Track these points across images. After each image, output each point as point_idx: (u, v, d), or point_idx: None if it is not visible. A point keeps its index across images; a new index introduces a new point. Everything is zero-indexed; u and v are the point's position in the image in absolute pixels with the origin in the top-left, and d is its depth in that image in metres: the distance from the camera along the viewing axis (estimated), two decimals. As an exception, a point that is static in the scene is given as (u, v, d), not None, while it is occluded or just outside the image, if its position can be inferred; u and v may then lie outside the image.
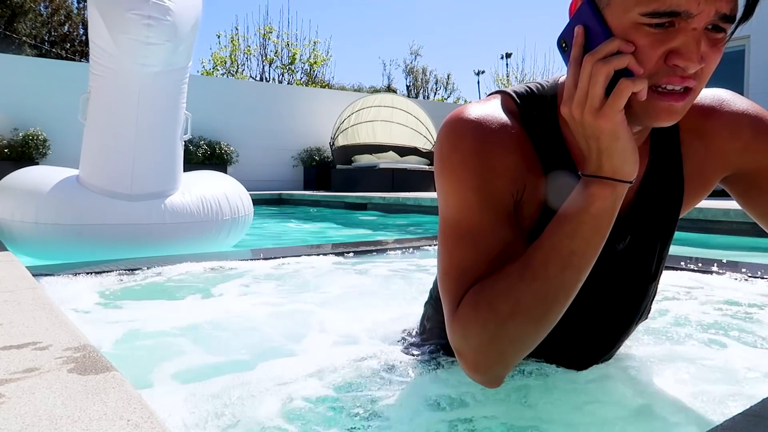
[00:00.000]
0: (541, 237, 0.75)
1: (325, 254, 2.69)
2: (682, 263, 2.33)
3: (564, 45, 0.74)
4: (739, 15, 0.69)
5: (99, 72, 2.85)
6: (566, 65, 0.74)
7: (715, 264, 2.31)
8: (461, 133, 0.80)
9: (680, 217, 0.96)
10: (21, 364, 0.77)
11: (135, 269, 2.20)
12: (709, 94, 0.93)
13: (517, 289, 0.73)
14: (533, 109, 0.85)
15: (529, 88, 0.87)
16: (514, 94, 0.86)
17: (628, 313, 0.98)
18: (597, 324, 0.97)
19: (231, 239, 3.37)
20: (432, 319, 1.15)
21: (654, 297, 1.02)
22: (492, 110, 0.83)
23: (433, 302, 1.14)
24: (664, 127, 0.88)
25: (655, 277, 0.97)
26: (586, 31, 0.70)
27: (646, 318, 1.06)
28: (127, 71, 2.80)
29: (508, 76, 22.57)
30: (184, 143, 3.19)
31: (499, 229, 0.78)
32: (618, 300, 0.96)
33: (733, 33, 0.71)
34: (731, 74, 9.63)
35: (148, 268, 2.22)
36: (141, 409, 0.62)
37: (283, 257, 2.56)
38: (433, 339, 1.14)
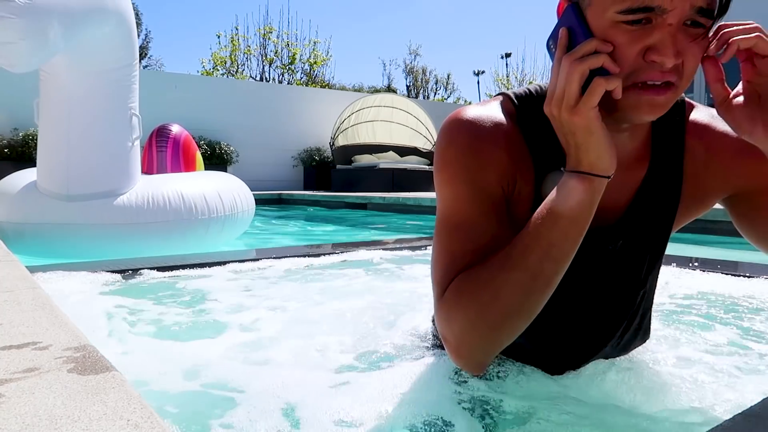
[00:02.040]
0: (523, 229, 0.78)
1: (325, 254, 2.69)
2: (682, 263, 2.33)
3: (552, 46, 0.76)
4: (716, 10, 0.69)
5: (42, 77, 2.94)
6: None
7: (714, 264, 2.31)
8: (456, 131, 0.84)
9: (675, 230, 0.96)
10: (21, 364, 0.77)
11: (136, 269, 2.20)
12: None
13: (499, 278, 0.76)
14: (530, 109, 0.87)
15: (529, 90, 0.90)
16: (513, 96, 0.89)
17: (614, 317, 0.98)
18: (584, 324, 0.96)
19: (199, 239, 3.31)
20: None
21: (647, 314, 1.02)
22: (488, 110, 0.86)
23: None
24: (665, 132, 0.89)
25: (644, 284, 0.97)
26: (570, 33, 0.73)
27: (644, 340, 1.06)
28: (58, 74, 2.87)
29: (507, 76, 22.58)
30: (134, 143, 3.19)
31: (489, 220, 0.82)
32: (605, 303, 0.95)
33: (712, 27, 0.71)
34: (731, 75, 9.60)
35: (149, 268, 2.22)
36: (141, 409, 0.62)
37: (283, 257, 2.56)
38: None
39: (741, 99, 0.73)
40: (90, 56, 2.92)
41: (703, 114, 0.93)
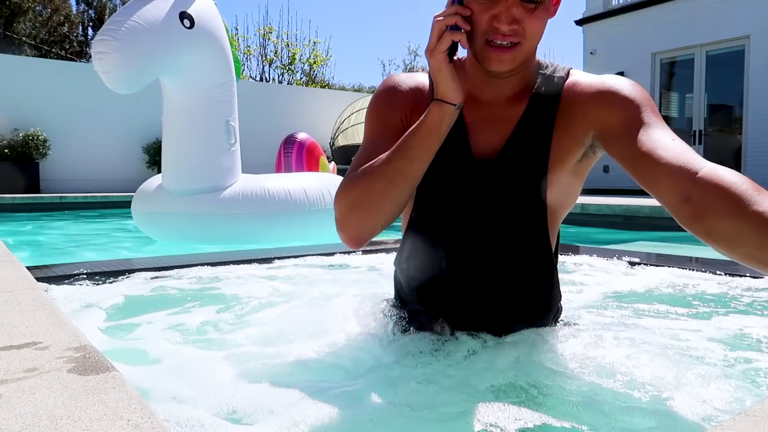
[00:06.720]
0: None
1: (324, 254, 2.69)
2: (683, 263, 2.33)
3: None
4: None
5: (163, 96, 3.67)
6: None
7: (714, 263, 2.31)
8: (379, 88, 1.21)
9: (559, 164, 1.11)
10: (21, 364, 0.77)
11: (135, 270, 2.20)
12: (600, 77, 1.13)
13: (371, 171, 1.04)
14: None
15: None
16: None
17: (504, 242, 1.13)
18: (480, 250, 1.14)
19: (284, 229, 3.82)
20: (399, 291, 1.31)
21: (550, 250, 1.15)
22: (411, 73, 1.20)
23: (395, 277, 1.32)
24: (546, 83, 1.12)
25: (526, 211, 1.12)
26: (454, 1, 1.00)
27: (551, 308, 1.20)
28: (168, 93, 3.62)
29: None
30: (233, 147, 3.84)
31: (387, 141, 1.09)
32: (493, 223, 1.12)
33: (543, 1, 0.98)
34: (731, 74, 9.62)
35: (148, 269, 2.22)
36: (141, 409, 0.62)
37: (282, 257, 2.56)
38: (402, 311, 1.29)
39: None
40: (190, 78, 3.57)
41: (581, 73, 1.15)
